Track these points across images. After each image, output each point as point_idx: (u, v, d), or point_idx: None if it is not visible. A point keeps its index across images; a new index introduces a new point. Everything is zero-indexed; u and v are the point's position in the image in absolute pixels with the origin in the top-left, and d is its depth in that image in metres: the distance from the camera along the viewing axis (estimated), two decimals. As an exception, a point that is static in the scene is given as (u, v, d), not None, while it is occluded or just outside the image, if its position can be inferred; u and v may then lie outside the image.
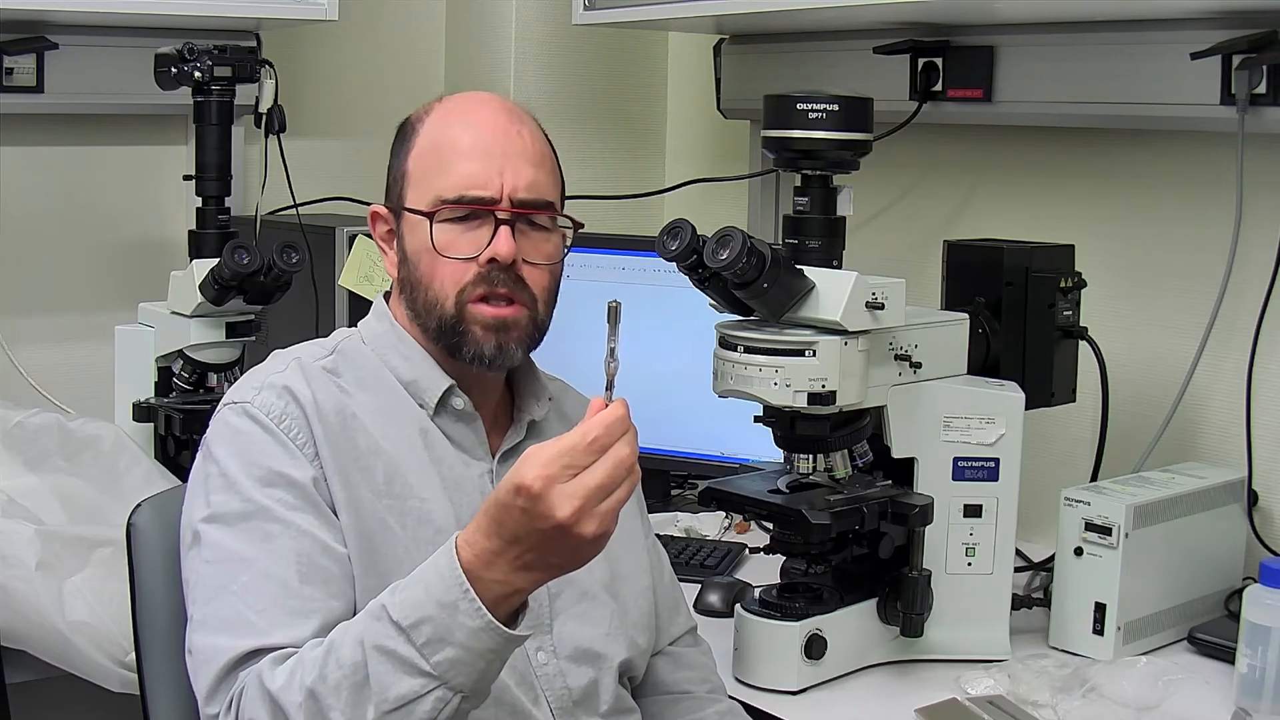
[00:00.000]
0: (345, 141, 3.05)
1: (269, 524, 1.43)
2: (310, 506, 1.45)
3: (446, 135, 1.57)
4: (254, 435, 1.47)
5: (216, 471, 1.47)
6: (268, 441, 1.47)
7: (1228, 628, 1.91)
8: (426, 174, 1.56)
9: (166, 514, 1.59)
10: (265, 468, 1.46)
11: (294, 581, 1.41)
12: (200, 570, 1.44)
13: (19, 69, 2.61)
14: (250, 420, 1.48)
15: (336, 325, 2.54)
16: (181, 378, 2.44)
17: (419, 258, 1.56)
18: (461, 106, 1.60)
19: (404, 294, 1.59)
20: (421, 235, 1.55)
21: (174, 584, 1.54)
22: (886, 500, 1.85)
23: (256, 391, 1.50)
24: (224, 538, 1.43)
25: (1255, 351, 2.14)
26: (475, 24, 3.07)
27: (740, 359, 1.78)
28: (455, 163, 1.55)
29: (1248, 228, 2.11)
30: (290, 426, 1.48)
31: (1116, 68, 2.22)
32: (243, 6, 2.54)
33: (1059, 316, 2.08)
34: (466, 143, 1.56)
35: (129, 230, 2.87)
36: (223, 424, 1.50)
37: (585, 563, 1.31)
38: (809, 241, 1.83)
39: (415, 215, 1.55)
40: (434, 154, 1.56)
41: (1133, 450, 2.20)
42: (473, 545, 1.29)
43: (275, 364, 1.56)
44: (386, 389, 1.57)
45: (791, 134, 1.79)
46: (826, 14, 2.33)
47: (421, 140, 1.58)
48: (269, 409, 1.48)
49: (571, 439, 1.27)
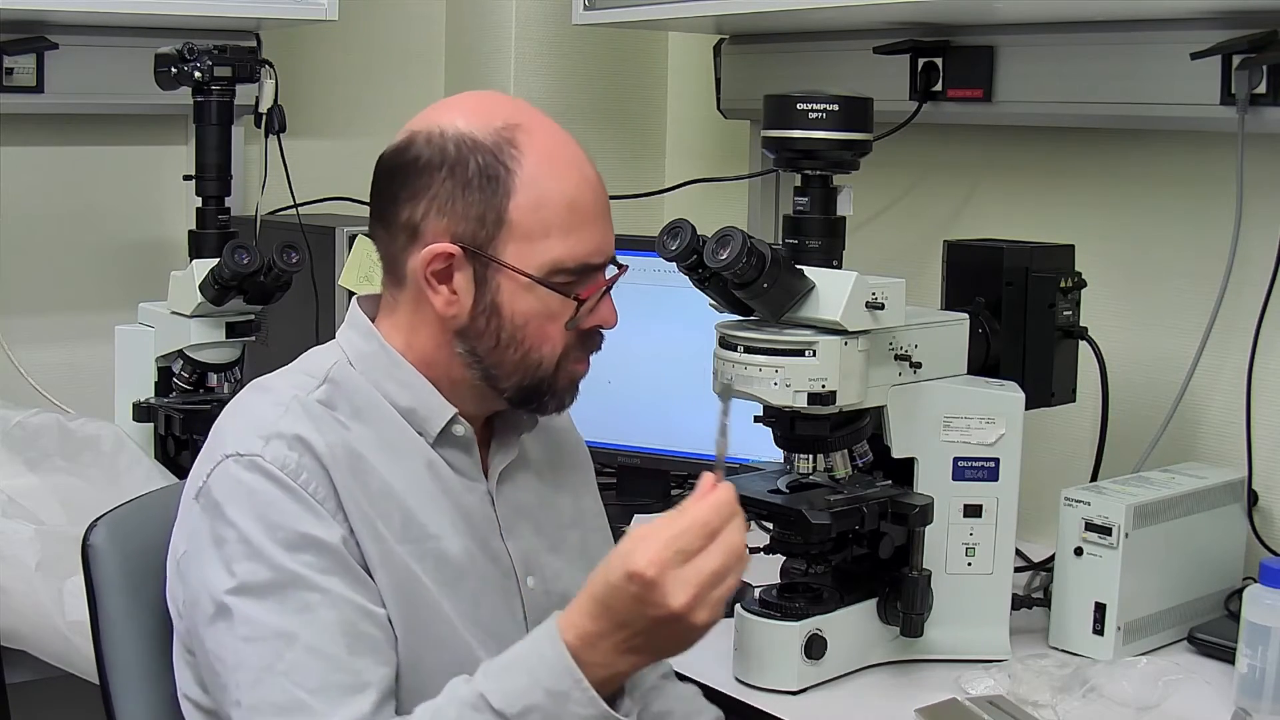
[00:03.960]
0: (345, 141, 3.05)
1: (305, 593, 1.33)
2: (342, 569, 1.36)
3: (561, 191, 1.43)
4: (271, 495, 1.35)
5: (235, 536, 1.34)
6: (287, 501, 1.35)
7: (1228, 628, 1.91)
8: (542, 232, 1.42)
9: (125, 531, 1.53)
10: (290, 530, 1.34)
11: (343, 654, 1.32)
12: (238, 649, 1.33)
13: (19, 69, 2.61)
14: (264, 477, 1.35)
15: (337, 326, 2.54)
16: (181, 378, 2.44)
17: (524, 321, 1.44)
18: (556, 149, 1.45)
19: (465, 343, 1.46)
20: (532, 301, 1.43)
21: (139, 606, 1.50)
22: (886, 500, 1.85)
23: (264, 442, 1.37)
24: (259, 612, 1.32)
25: (1255, 351, 2.14)
26: (475, 24, 3.07)
27: (740, 359, 1.79)
28: (583, 228, 1.44)
29: (1248, 228, 2.11)
30: (308, 481, 1.36)
31: (1116, 68, 2.22)
32: (243, 6, 2.54)
33: (1059, 316, 2.08)
34: (586, 202, 1.45)
35: (129, 230, 2.87)
36: (232, 481, 1.36)
37: (689, 647, 1.29)
38: (809, 241, 1.83)
39: (521, 276, 1.42)
40: (552, 212, 1.42)
41: (1133, 450, 2.20)
42: (576, 628, 1.26)
43: (270, 405, 1.42)
44: (384, 419, 1.46)
45: (791, 134, 1.79)
46: (826, 14, 2.33)
47: (526, 188, 1.42)
48: (283, 463, 1.36)
49: (684, 522, 1.25)
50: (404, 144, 1.46)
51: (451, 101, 1.51)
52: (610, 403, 1.67)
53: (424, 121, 1.46)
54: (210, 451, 1.41)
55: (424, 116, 1.47)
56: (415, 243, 1.44)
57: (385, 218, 1.47)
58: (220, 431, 1.43)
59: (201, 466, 1.41)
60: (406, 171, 1.44)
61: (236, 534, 1.34)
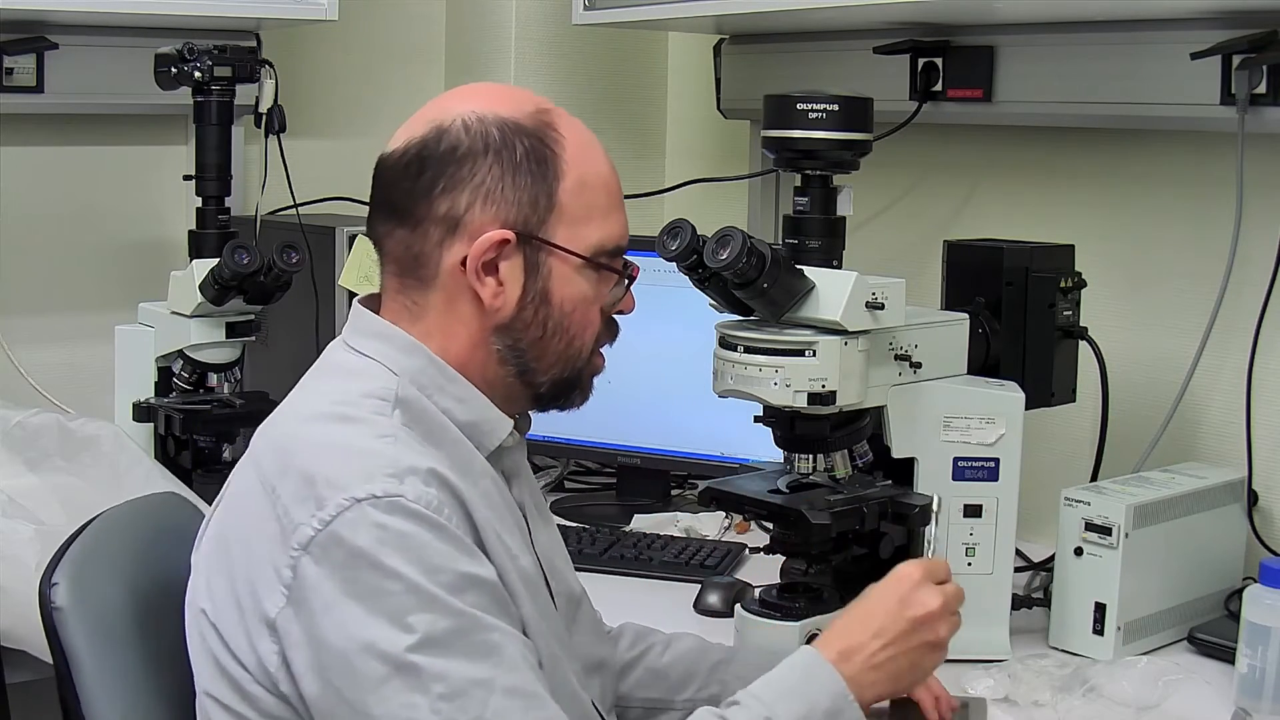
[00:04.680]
0: (345, 141, 3.05)
1: (486, 634, 1.26)
2: (501, 603, 1.30)
3: (599, 173, 1.43)
4: (423, 537, 1.25)
5: (401, 588, 1.23)
6: (440, 541, 1.26)
7: (1228, 628, 1.91)
8: (586, 215, 1.41)
9: (86, 584, 1.44)
10: (451, 572, 1.26)
11: (537, 688, 1.28)
12: (437, 708, 1.23)
13: (19, 69, 2.61)
14: (412, 519, 1.25)
15: (337, 326, 2.54)
16: (181, 378, 2.44)
17: (573, 306, 1.42)
18: (585, 133, 1.44)
19: (507, 337, 1.41)
20: (582, 284, 1.42)
21: (111, 667, 1.42)
22: (886, 500, 1.85)
23: (398, 481, 1.27)
24: (451, 665, 1.23)
25: (1255, 351, 2.14)
26: (475, 24, 3.07)
27: (740, 359, 1.79)
28: (616, 211, 1.44)
29: (1248, 228, 2.11)
30: (450, 516, 1.28)
31: (1116, 68, 2.22)
32: (243, 6, 2.54)
33: (1059, 316, 2.08)
34: (616, 186, 1.45)
35: (129, 230, 2.87)
36: (377, 528, 1.24)
37: (921, 679, 1.51)
38: (809, 241, 1.83)
39: (572, 257, 1.40)
40: (594, 194, 1.41)
41: (1133, 450, 2.20)
42: (834, 646, 1.43)
43: (372, 438, 1.32)
44: (452, 440, 1.38)
45: (791, 134, 1.79)
46: (826, 14, 2.33)
47: (572, 171, 1.40)
48: (427, 501, 1.27)
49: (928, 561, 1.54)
50: (431, 136, 1.38)
51: (463, 92, 1.44)
52: (610, 403, 1.67)
53: (444, 112, 1.40)
54: (313, 496, 1.27)
55: (440, 108, 1.41)
56: (456, 235, 1.38)
57: (410, 215, 1.39)
58: (317, 474, 1.28)
59: (298, 513, 1.27)
60: (443, 162, 1.37)
61: (402, 584, 1.23)
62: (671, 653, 1.70)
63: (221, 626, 1.33)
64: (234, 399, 2.47)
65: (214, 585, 1.35)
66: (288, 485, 1.29)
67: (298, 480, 1.29)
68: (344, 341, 1.45)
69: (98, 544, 1.52)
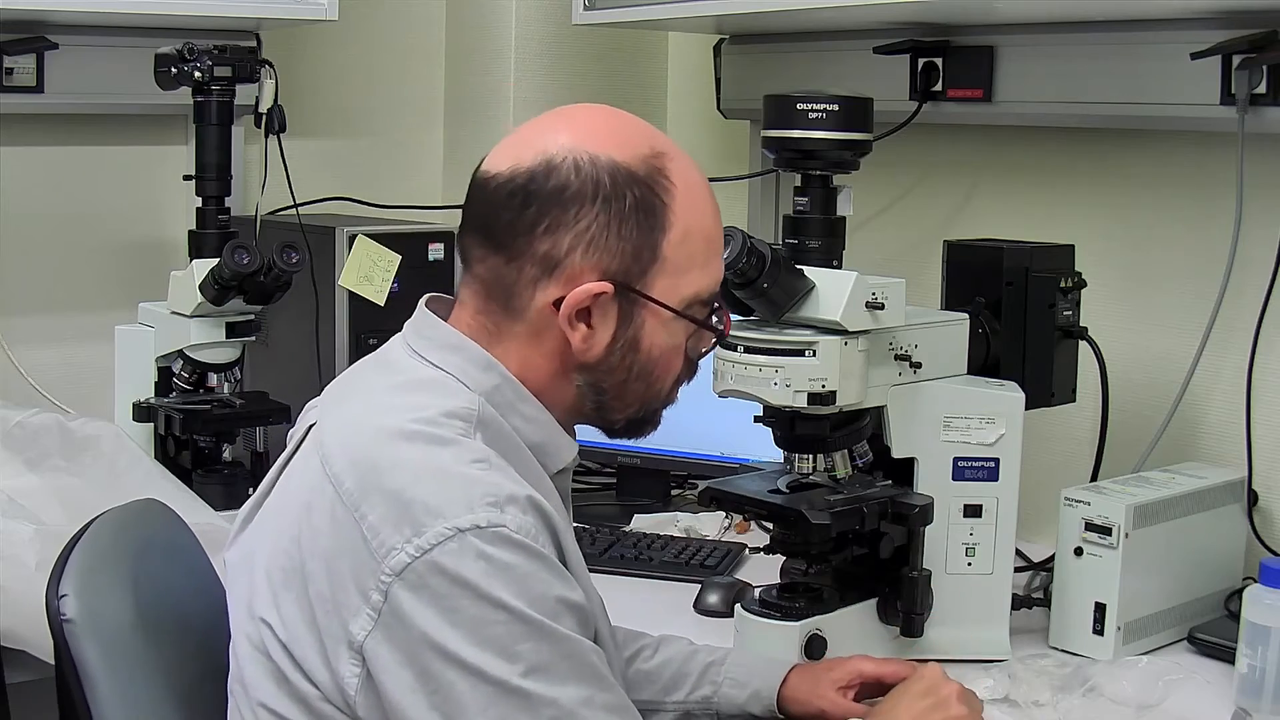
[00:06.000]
0: (345, 141, 3.06)
1: (586, 656, 1.28)
2: (587, 627, 1.30)
3: (704, 225, 1.40)
4: (527, 567, 1.25)
5: (505, 618, 1.23)
6: (541, 569, 1.26)
7: (1228, 628, 1.91)
8: (686, 266, 1.38)
9: (95, 596, 1.42)
10: (550, 599, 1.26)
11: (629, 702, 1.31)
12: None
13: (19, 69, 2.61)
14: (516, 550, 1.24)
15: (337, 326, 2.54)
16: (181, 378, 2.45)
17: (660, 354, 1.41)
18: (696, 177, 1.41)
19: (589, 376, 1.40)
20: (673, 333, 1.41)
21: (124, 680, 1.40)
22: (886, 500, 1.85)
23: (499, 510, 1.25)
24: (559, 691, 1.24)
25: (1255, 351, 2.14)
26: (475, 24, 3.07)
27: (740, 359, 1.79)
28: (715, 259, 1.42)
29: (1248, 228, 2.11)
30: (545, 543, 1.28)
31: (1116, 68, 2.22)
32: (243, 6, 2.54)
33: (1059, 316, 2.08)
34: (718, 234, 1.43)
35: (129, 230, 2.87)
36: (481, 559, 1.23)
37: None
38: (809, 241, 1.83)
39: (664, 310, 1.38)
40: (696, 245, 1.38)
41: (1133, 450, 2.20)
42: None
43: (467, 463, 1.29)
44: (523, 460, 1.37)
45: (791, 134, 1.79)
46: (826, 14, 2.33)
47: (678, 223, 1.36)
48: (527, 530, 1.26)
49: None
50: (539, 169, 1.34)
51: (578, 121, 1.39)
52: (610, 403, 1.69)
53: (555, 143, 1.35)
54: (409, 522, 1.25)
55: (552, 138, 1.36)
56: (550, 278, 1.34)
57: (509, 246, 1.35)
58: (413, 499, 1.26)
59: (390, 537, 1.25)
60: (549, 201, 1.33)
61: (507, 614, 1.23)
62: (661, 655, 1.70)
63: (292, 643, 1.31)
64: (234, 399, 2.47)
65: (283, 599, 1.32)
66: (375, 507, 1.26)
67: (388, 503, 1.26)
68: (410, 347, 1.42)
69: (100, 553, 1.51)
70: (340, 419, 1.38)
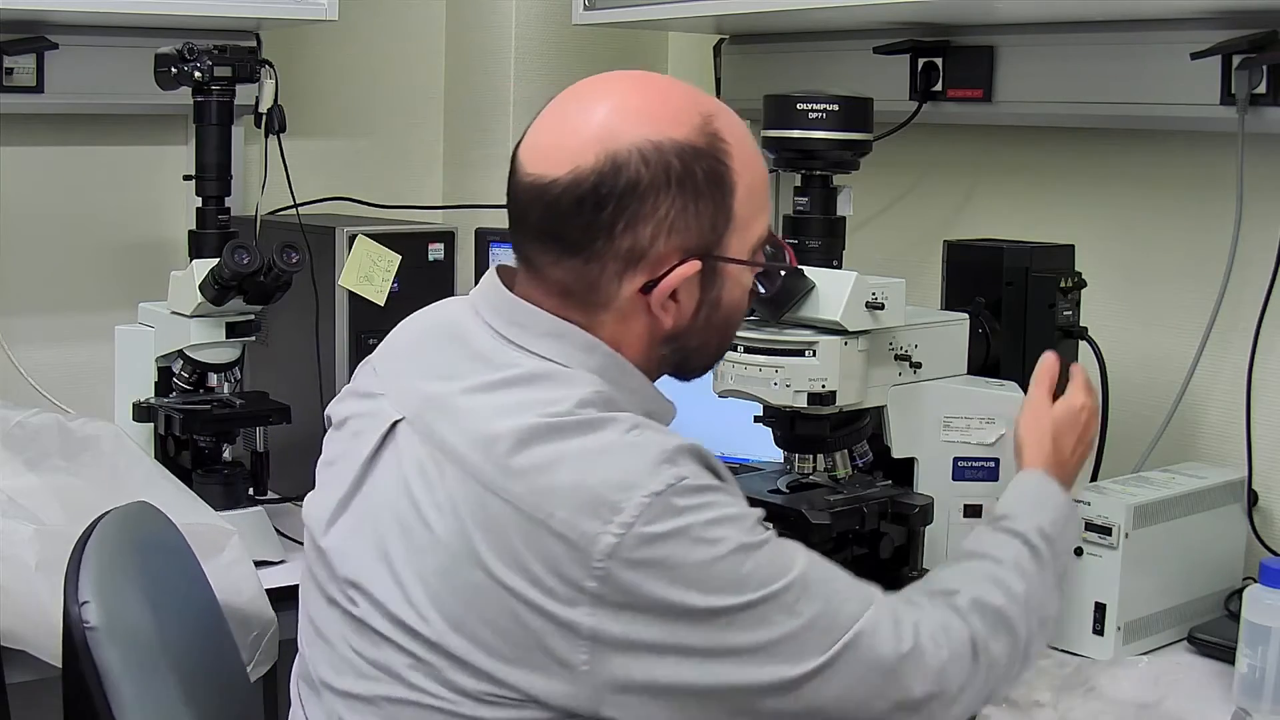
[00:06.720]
0: (345, 141, 3.06)
1: (781, 542, 1.33)
2: None
3: (759, 173, 1.42)
4: (718, 499, 1.30)
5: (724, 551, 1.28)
6: (726, 495, 1.32)
7: (1228, 628, 1.91)
8: (752, 216, 1.41)
9: (115, 602, 1.42)
10: (748, 519, 1.32)
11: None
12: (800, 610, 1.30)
13: (19, 69, 2.61)
14: (701, 493, 1.29)
15: (337, 326, 2.54)
16: (181, 378, 2.44)
17: (739, 302, 1.44)
18: (742, 129, 1.42)
19: (676, 343, 1.42)
20: (747, 281, 1.44)
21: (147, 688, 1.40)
22: (886, 500, 1.85)
23: (673, 465, 1.28)
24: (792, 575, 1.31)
25: (1255, 351, 2.14)
26: (475, 24, 3.07)
27: (740, 359, 1.79)
28: (768, 201, 1.46)
29: (1248, 228, 2.11)
30: (715, 471, 1.34)
31: (1116, 68, 2.22)
32: (243, 6, 2.54)
33: (1059, 316, 2.08)
34: (767, 176, 1.45)
35: (129, 230, 2.87)
36: (681, 515, 1.27)
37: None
38: (809, 241, 1.83)
39: (741, 265, 1.42)
40: (757, 194, 1.41)
41: (1133, 450, 2.20)
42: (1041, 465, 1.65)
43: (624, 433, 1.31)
44: None
45: (791, 134, 1.79)
46: (826, 14, 2.33)
47: (741, 180, 1.38)
48: (701, 471, 1.31)
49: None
50: (606, 169, 1.32)
51: (622, 101, 1.37)
52: (610, 403, 1.68)
53: (613, 137, 1.33)
54: (605, 504, 1.26)
55: (608, 131, 1.34)
56: (635, 267, 1.35)
57: (588, 249, 1.34)
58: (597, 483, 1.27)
59: (589, 525, 1.25)
60: (625, 198, 1.32)
61: (725, 548, 1.28)
62: None
63: (472, 658, 1.29)
64: (234, 399, 2.47)
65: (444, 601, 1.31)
66: (560, 503, 1.26)
67: (573, 495, 1.27)
68: (502, 335, 1.40)
69: (110, 557, 1.51)
70: (460, 422, 1.35)
